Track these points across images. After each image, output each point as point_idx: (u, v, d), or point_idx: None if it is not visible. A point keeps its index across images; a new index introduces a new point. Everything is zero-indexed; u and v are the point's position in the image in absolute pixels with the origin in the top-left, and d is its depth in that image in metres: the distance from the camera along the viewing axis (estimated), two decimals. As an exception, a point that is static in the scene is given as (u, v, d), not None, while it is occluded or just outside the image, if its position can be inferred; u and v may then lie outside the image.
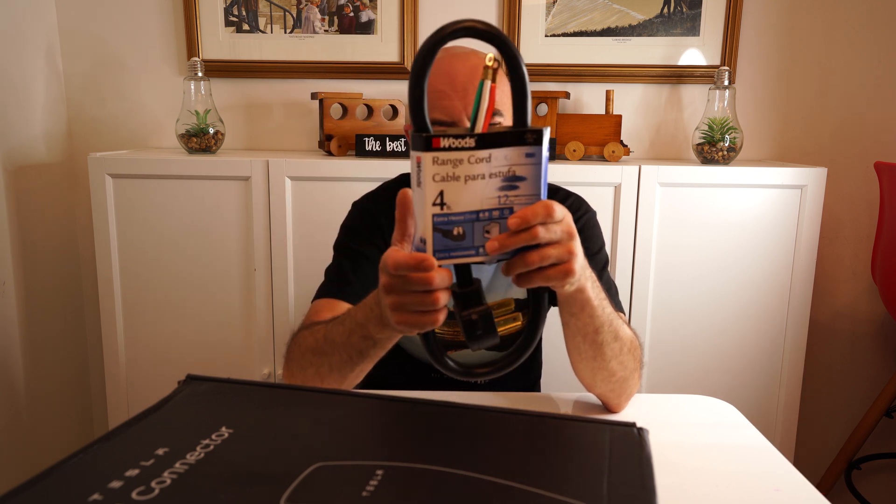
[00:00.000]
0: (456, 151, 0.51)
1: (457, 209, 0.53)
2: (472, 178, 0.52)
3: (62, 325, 1.75)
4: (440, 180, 0.52)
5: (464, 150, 0.51)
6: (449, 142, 0.51)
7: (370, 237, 1.01)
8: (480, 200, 0.53)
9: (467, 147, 0.51)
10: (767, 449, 0.75)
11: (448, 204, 0.52)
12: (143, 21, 1.71)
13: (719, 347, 1.53)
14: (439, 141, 0.50)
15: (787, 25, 1.69)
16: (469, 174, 0.52)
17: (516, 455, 0.43)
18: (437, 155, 0.51)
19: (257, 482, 0.38)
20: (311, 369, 0.81)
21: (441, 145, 0.51)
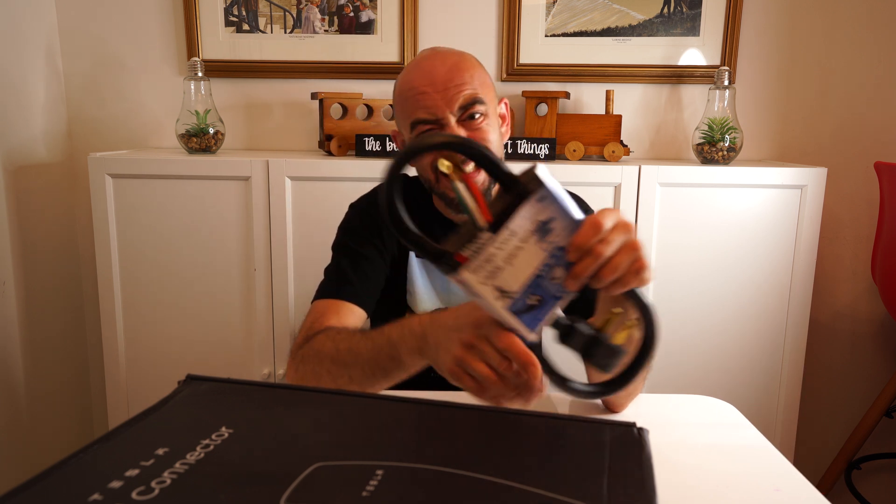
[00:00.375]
0: (482, 252, 0.51)
1: (517, 287, 0.53)
2: (512, 257, 0.52)
3: (62, 325, 1.75)
4: (488, 280, 0.52)
5: (486, 245, 0.51)
6: (470, 250, 0.51)
7: (368, 238, 1.02)
8: (531, 264, 0.53)
9: (487, 240, 0.51)
10: (767, 449, 0.75)
11: (507, 290, 0.53)
12: (143, 21, 1.71)
13: (719, 347, 1.53)
14: (462, 255, 0.51)
15: (787, 25, 1.69)
16: (506, 256, 0.52)
17: (516, 455, 0.43)
18: (469, 266, 0.51)
19: (257, 482, 0.38)
20: (327, 377, 0.80)
21: (466, 257, 0.51)
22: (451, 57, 0.96)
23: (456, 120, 0.94)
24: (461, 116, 0.95)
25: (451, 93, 0.93)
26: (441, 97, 0.93)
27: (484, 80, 0.98)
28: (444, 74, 0.94)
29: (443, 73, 0.94)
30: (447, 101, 0.93)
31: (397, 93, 0.99)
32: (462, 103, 0.94)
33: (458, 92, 0.93)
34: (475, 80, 0.95)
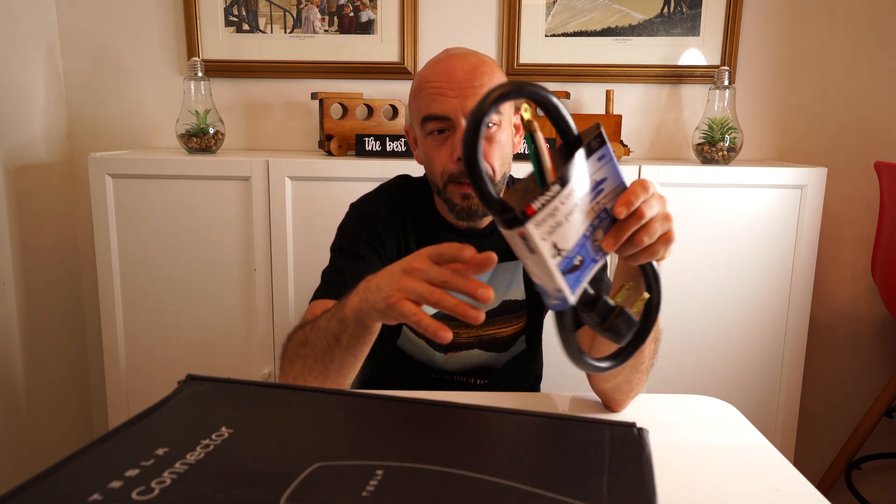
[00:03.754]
0: (549, 204, 0.51)
1: (570, 244, 0.53)
2: (570, 213, 0.52)
3: (62, 325, 1.75)
4: (548, 236, 0.52)
5: (552, 199, 0.51)
6: (540, 202, 0.50)
7: (367, 240, 1.01)
8: (583, 223, 0.53)
9: (556, 194, 0.51)
10: (767, 449, 0.75)
11: (563, 248, 0.53)
12: (143, 21, 1.71)
13: (719, 347, 1.53)
14: (532, 208, 0.50)
15: (787, 25, 1.69)
16: (567, 211, 0.52)
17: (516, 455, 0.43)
18: (536, 219, 0.51)
19: (257, 482, 0.38)
20: (298, 362, 0.81)
21: (536, 209, 0.50)
22: (471, 58, 0.95)
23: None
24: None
25: (467, 94, 0.92)
26: (456, 97, 0.92)
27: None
28: (462, 75, 0.92)
29: (461, 73, 0.93)
30: (461, 103, 0.92)
31: (414, 87, 0.98)
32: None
33: (473, 95, 0.92)
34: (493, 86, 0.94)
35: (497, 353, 1.07)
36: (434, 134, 0.95)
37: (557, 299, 0.55)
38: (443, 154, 0.95)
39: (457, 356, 1.06)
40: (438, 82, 0.93)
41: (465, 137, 0.49)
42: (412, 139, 1.04)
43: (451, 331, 0.76)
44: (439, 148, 0.95)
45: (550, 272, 0.53)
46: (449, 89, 0.92)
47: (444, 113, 0.93)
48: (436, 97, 0.93)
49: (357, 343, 0.75)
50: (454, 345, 1.05)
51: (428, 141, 0.96)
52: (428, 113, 0.94)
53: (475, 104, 0.49)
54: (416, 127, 0.99)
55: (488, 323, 1.04)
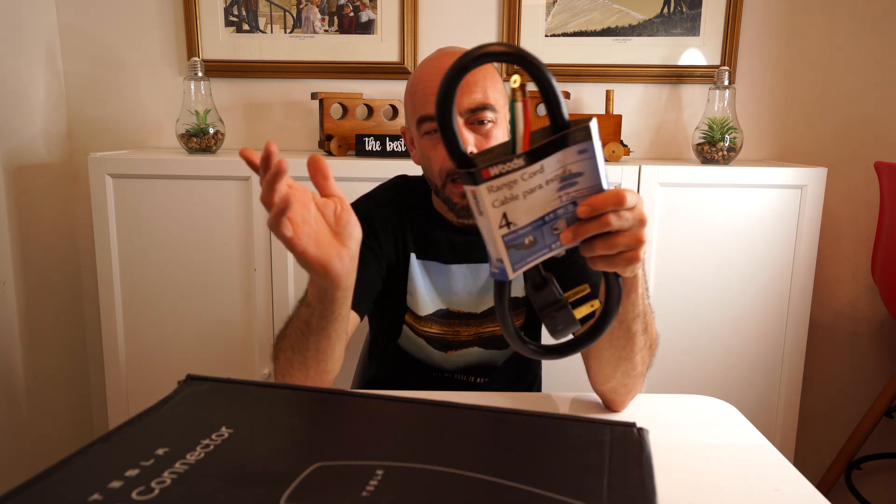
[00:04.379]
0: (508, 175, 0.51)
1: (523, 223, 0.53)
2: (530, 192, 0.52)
3: (62, 325, 1.75)
4: (500, 204, 0.52)
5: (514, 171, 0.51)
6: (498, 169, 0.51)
7: (365, 241, 1.01)
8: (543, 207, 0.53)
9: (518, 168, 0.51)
10: (767, 449, 0.75)
11: (513, 222, 0.53)
12: (143, 21, 1.71)
13: (719, 347, 1.53)
14: (489, 171, 0.50)
15: (787, 25, 1.69)
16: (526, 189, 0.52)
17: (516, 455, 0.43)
18: (490, 184, 0.51)
19: (257, 482, 0.38)
20: (281, 357, 0.81)
21: (492, 174, 0.51)
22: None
23: (463, 122, 0.93)
24: (469, 119, 0.93)
25: (462, 92, 0.91)
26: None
27: (497, 85, 0.96)
28: None
29: None
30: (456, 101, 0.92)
31: (408, 88, 0.98)
32: (471, 106, 0.92)
33: (468, 93, 0.92)
34: (487, 84, 0.93)
35: (497, 351, 1.07)
36: (430, 133, 0.95)
37: (497, 269, 0.56)
38: (440, 153, 0.95)
39: (456, 354, 1.06)
40: (432, 82, 0.92)
41: (441, 86, 0.49)
42: (409, 140, 1.05)
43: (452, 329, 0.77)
44: (436, 147, 0.95)
45: (494, 240, 0.54)
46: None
47: None
48: (430, 97, 0.92)
49: (325, 322, 0.74)
50: (454, 343, 1.05)
51: (424, 140, 0.96)
52: (423, 113, 0.94)
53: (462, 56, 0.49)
54: (413, 127, 0.99)
55: (488, 321, 1.05)
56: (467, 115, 0.93)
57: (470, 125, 0.93)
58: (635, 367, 0.80)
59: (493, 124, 0.95)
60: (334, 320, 0.74)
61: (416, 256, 1.03)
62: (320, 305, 0.73)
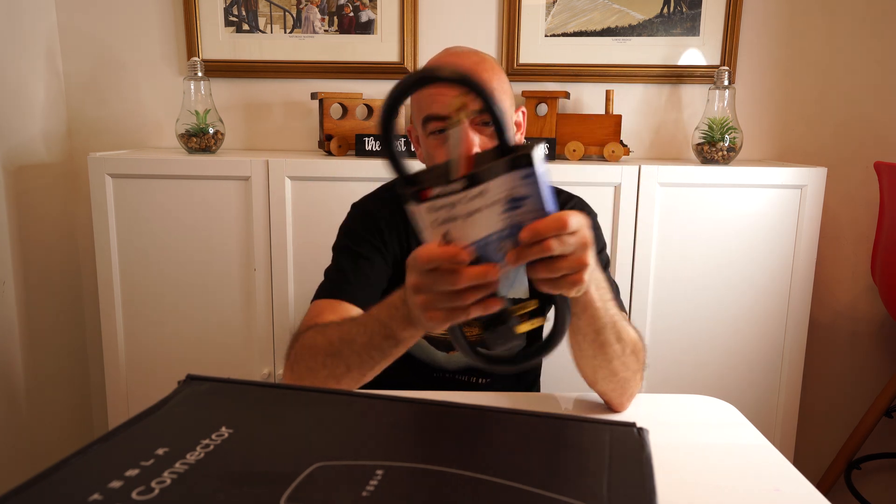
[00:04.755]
0: (448, 196, 0.51)
1: (465, 242, 0.54)
2: (471, 214, 0.52)
3: (62, 325, 1.75)
4: (440, 224, 0.52)
5: (455, 194, 0.51)
6: (438, 190, 0.51)
7: (369, 238, 1.01)
8: (486, 228, 0.53)
9: (457, 190, 0.51)
10: (767, 449, 0.75)
11: (454, 240, 0.53)
12: (143, 21, 1.71)
13: (719, 347, 1.53)
14: (428, 192, 0.51)
15: (787, 25, 1.69)
16: (468, 210, 0.52)
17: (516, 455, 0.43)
18: (430, 204, 0.51)
19: (257, 482, 0.38)
20: (323, 371, 0.80)
21: (431, 195, 0.51)
22: (472, 56, 0.95)
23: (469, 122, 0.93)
24: (474, 120, 0.93)
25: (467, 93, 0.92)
26: (457, 95, 0.92)
27: (503, 86, 0.96)
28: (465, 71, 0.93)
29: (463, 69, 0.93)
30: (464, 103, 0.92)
31: None
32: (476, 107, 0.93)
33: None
34: (493, 85, 0.94)
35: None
36: (436, 133, 0.96)
37: None
38: (444, 152, 0.95)
39: (458, 355, 1.06)
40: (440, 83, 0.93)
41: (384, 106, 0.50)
42: (414, 139, 1.05)
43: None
44: (441, 147, 0.95)
45: None
46: (449, 88, 0.92)
47: (446, 112, 0.93)
48: (436, 97, 0.93)
49: (402, 350, 0.76)
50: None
51: (430, 140, 0.96)
52: (429, 113, 0.94)
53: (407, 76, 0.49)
54: (418, 126, 0.99)
55: None
56: (473, 115, 0.93)
57: (475, 126, 0.94)
58: (616, 374, 0.80)
59: None
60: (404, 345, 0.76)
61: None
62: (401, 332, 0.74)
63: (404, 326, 0.72)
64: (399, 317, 0.72)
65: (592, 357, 0.78)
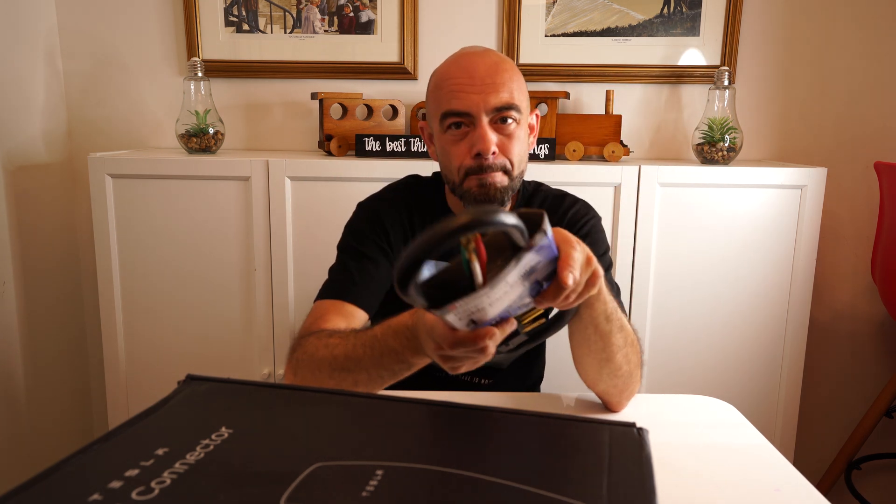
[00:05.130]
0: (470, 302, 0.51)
1: (490, 318, 0.54)
2: (496, 300, 0.52)
3: (62, 325, 1.75)
4: (466, 316, 0.53)
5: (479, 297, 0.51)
6: (463, 301, 0.51)
7: (375, 239, 1.01)
8: (509, 302, 0.54)
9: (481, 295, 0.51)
10: (767, 449, 0.75)
11: (480, 321, 0.54)
12: (143, 21, 1.71)
13: (719, 347, 1.53)
14: (455, 306, 0.51)
15: (787, 25, 1.69)
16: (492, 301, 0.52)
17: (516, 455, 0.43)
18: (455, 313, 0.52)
19: (257, 482, 0.38)
20: (330, 382, 0.80)
21: (458, 307, 0.51)
22: (491, 56, 0.96)
23: (488, 120, 0.93)
24: (493, 118, 0.93)
25: (489, 91, 0.92)
26: (478, 93, 0.92)
27: (521, 87, 0.96)
28: (484, 71, 0.92)
29: (483, 69, 0.93)
30: (483, 99, 0.92)
31: (433, 84, 0.98)
32: (497, 105, 0.92)
33: (495, 92, 0.92)
34: (513, 85, 0.94)
35: (504, 354, 1.07)
36: (452, 129, 0.95)
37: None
38: (461, 149, 0.95)
39: None
40: (459, 79, 0.93)
41: (411, 251, 0.46)
42: (427, 136, 1.05)
43: None
44: (457, 143, 0.95)
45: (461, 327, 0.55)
46: (470, 86, 0.92)
47: (466, 109, 0.93)
48: (457, 94, 0.93)
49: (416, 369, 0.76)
50: None
51: (446, 136, 0.96)
52: (448, 109, 0.94)
53: (431, 232, 0.46)
54: (434, 122, 0.98)
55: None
56: (493, 113, 0.93)
57: (493, 125, 0.94)
58: (619, 368, 0.80)
59: (517, 124, 0.95)
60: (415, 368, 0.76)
61: None
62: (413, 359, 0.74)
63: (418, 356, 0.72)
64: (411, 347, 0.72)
65: (601, 349, 0.78)
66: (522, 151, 0.97)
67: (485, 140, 0.92)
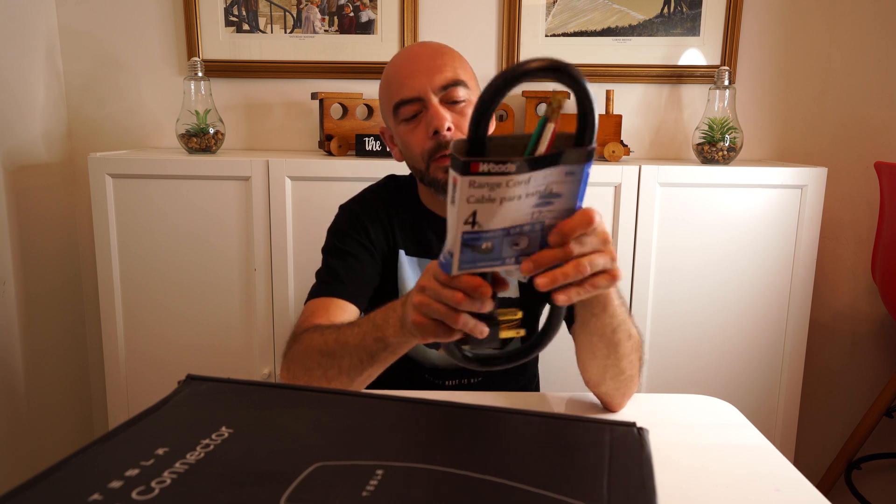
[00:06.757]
0: (494, 176, 0.49)
1: (488, 227, 0.52)
2: (507, 199, 0.51)
3: (62, 325, 1.75)
4: (474, 202, 0.50)
5: (501, 175, 0.49)
6: (488, 167, 0.49)
7: (357, 238, 1.03)
8: (513, 218, 0.52)
9: (507, 172, 0.49)
10: (767, 449, 0.75)
11: (479, 222, 0.52)
12: (143, 21, 1.71)
13: (719, 347, 1.53)
14: (478, 166, 0.49)
15: (787, 25, 1.69)
16: (505, 196, 0.50)
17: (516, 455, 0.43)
18: (474, 179, 0.49)
19: (257, 482, 0.38)
20: (318, 371, 0.81)
21: (479, 170, 0.49)
22: (432, 43, 1.00)
23: (438, 100, 0.95)
24: (443, 98, 0.95)
25: (432, 71, 0.94)
26: (423, 75, 0.94)
27: (466, 69, 0.99)
28: (427, 56, 0.96)
29: (424, 55, 0.96)
30: (429, 79, 0.94)
31: (382, 84, 1.01)
32: (443, 83, 0.95)
33: (439, 72, 0.94)
34: (456, 63, 0.97)
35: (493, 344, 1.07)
36: (408, 119, 0.97)
37: (444, 259, 0.56)
38: (419, 134, 0.96)
39: None
40: (403, 68, 0.96)
41: (489, 87, 0.47)
42: (388, 138, 1.07)
43: None
44: (414, 130, 0.97)
45: (455, 233, 0.53)
46: (414, 72, 0.95)
47: (414, 94, 0.95)
48: (403, 81, 0.95)
49: (393, 357, 0.76)
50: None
51: (403, 127, 0.98)
52: (399, 98, 0.96)
53: (515, 65, 0.47)
54: (390, 120, 1.01)
55: None
56: (440, 91, 0.95)
57: (445, 104, 0.95)
58: (623, 372, 0.81)
59: (468, 103, 0.97)
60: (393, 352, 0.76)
61: (406, 253, 1.04)
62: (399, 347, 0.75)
63: (395, 330, 0.73)
64: (394, 319, 0.73)
65: (605, 357, 0.79)
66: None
67: (438, 116, 0.93)
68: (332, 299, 0.96)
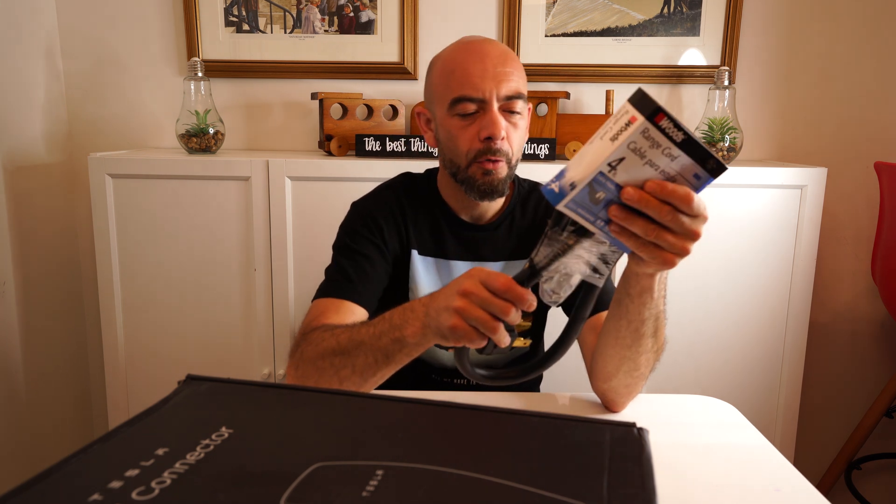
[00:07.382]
0: (663, 136, 0.51)
1: (617, 180, 0.54)
2: (650, 165, 0.53)
3: (62, 325, 1.75)
4: (632, 149, 0.52)
5: (668, 139, 0.51)
6: (667, 124, 0.50)
7: (370, 237, 1.01)
8: (634, 184, 0.54)
9: (670, 143, 0.51)
10: (767, 449, 0.75)
11: (616, 170, 0.53)
12: (143, 21, 1.71)
13: (719, 347, 1.53)
14: (662, 118, 0.50)
15: (787, 25, 1.69)
16: (652, 160, 0.52)
17: (516, 455, 0.43)
18: (649, 127, 0.51)
19: (257, 482, 0.38)
20: (330, 370, 0.80)
21: (660, 123, 0.50)
22: (498, 45, 0.98)
23: (498, 107, 0.94)
24: (502, 106, 0.95)
25: (501, 78, 0.93)
26: (492, 80, 0.93)
27: (525, 80, 0.99)
28: (496, 58, 0.94)
29: (494, 56, 0.94)
30: (496, 85, 0.93)
31: (438, 70, 0.98)
32: (508, 94, 0.94)
33: (507, 80, 0.94)
34: (520, 75, 0.97)
35: (501, 351, 1.07)
36: (463, 116, 0.96)
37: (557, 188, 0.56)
38: (470, 133, 0.95)
39: None
40: (472, 65, 0.94)
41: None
42: (424, 121, 1.05)
43: None
44: (467, 128, 0.95)
45: (592, 166, 0.54)
46: (483, 72, 0.93)
47: (480, 95, 0.93)
48: (471, 79, 0.93)
49: (408, 358, 0.76)
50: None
51: (454, 121, 0.96)
52: (461, 94, 0.94)
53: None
54: (440, 108, 0.98)
55: None
56: (504, 100, 0.94)
57: (503, 112, 0.95)
58: (638, 368, 0.80)
59: (521, 116, 0.97)
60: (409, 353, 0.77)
61: (419, 252, 1.03)
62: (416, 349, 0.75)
63: (416, 333, 0.73)
64: (414, 322, 0.73)
65: (628, 347, 0.79)
66: (522, 143, 1.00)
67: (496, 124, 0.93)
68: (342, 301, 0.95)
